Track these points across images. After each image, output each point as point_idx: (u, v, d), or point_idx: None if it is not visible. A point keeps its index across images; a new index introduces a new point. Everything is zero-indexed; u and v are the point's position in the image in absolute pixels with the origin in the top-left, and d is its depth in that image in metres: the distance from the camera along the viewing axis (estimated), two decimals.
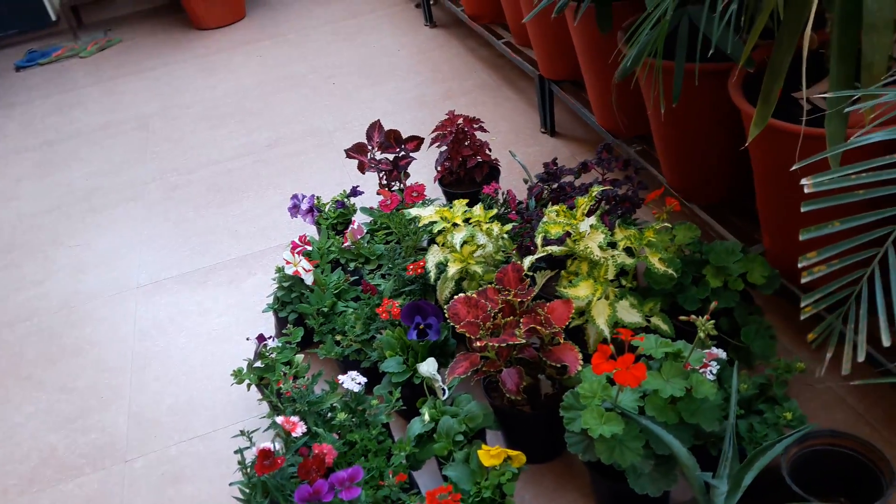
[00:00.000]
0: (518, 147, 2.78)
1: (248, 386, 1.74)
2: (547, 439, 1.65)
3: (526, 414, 1.61)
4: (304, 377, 1.60)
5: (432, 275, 1.75)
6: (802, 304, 0.75)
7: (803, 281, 0.73)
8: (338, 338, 1.81)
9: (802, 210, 0.75)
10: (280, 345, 1.75)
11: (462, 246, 1.70)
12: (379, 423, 1.55)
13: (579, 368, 1.48)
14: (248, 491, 1.42)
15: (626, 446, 1.32)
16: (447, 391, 1.59)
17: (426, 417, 1.54)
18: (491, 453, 1.43)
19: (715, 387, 1.34)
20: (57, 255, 2.72)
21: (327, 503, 1.27)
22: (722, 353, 1.48)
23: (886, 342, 0.70)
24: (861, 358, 0.72)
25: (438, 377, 1.60)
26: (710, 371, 1.42)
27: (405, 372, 1.68)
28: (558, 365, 1.51)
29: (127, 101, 3.81)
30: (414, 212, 1.76)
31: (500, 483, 1.41)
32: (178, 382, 2.07)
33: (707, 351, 1.46)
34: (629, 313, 1.55)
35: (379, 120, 2.29)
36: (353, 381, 1.53)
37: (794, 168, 0.85)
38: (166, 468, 1.83)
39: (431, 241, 1.95)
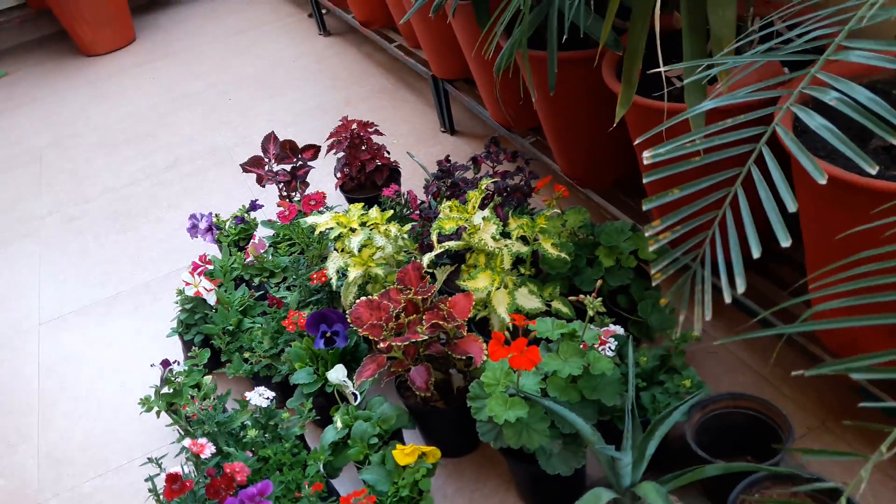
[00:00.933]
0: (420, 148, 2.79)
1: (158, 413, 1.70)
2: (463, 432, 1.66)
3: (440, 409, 1.63)
4: (211, 398, 1.57)
5: (334, 281, 1.74)
6: (652, 272, 0.78)
7: (651, 249, 0.76)
8: (246, 355, 1.79)
9: (644, 181, 0.79)
10: (186, 368, 1.72)
11: (361, 249, 1.71)
12: (292, 436, 1.54)
13: (484, 358, 1.50)
14: None
15: (532, 429, 1.35)
16: (359, 396, 1.59)
17: (339, 424, 1.53)
18: (405, 452, 1.43)
19: (611, 362, 1.38)
20: None
21: None
22: (620, 330, 1.52)
23: (728, 299, 0.74)
24: (708, 317, 0.76)
25: (349, 383, 1.60)
26: (609, 348, 1.46)
27: (316, 382, 1.67)
28: (464, 357, 1.53)
29: (17, 134, 3.66)
30: (310, 220, 1.75)
31: (417, 480, 1.42)
32: (89, 417, 2.00)
33: (605, 329, 1.50)
34: (529, 300, 1.58)
35: (273, 132, 2.27)
36: (260, 396, 1.51)
37: (637, 142, 0.89)
38: None
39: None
